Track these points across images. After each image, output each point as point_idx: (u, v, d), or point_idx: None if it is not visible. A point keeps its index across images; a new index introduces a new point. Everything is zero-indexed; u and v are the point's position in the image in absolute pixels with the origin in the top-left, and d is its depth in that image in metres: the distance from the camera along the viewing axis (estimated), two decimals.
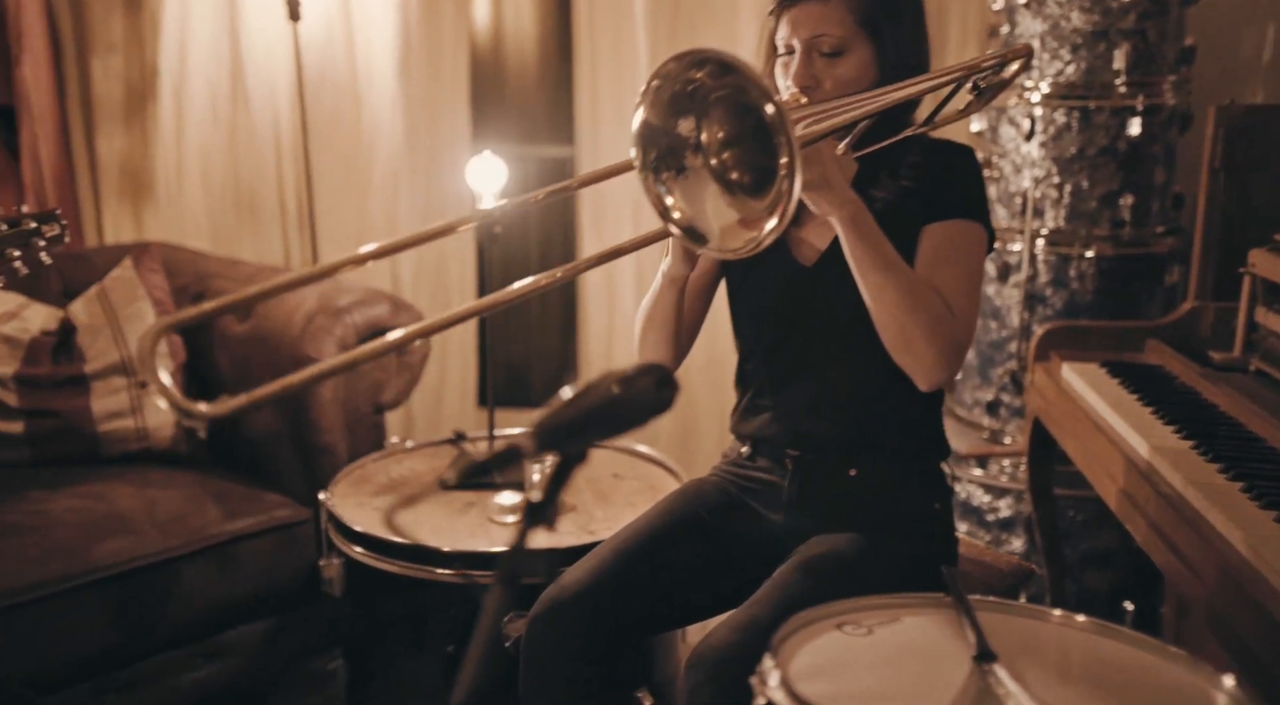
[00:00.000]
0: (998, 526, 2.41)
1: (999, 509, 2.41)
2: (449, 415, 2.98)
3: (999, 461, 2.43)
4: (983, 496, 2.44)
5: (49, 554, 1.89)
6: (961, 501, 2.46)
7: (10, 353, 2.25)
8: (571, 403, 0.85)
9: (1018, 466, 2.40)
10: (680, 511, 1.59)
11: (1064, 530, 2.31)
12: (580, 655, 1.46)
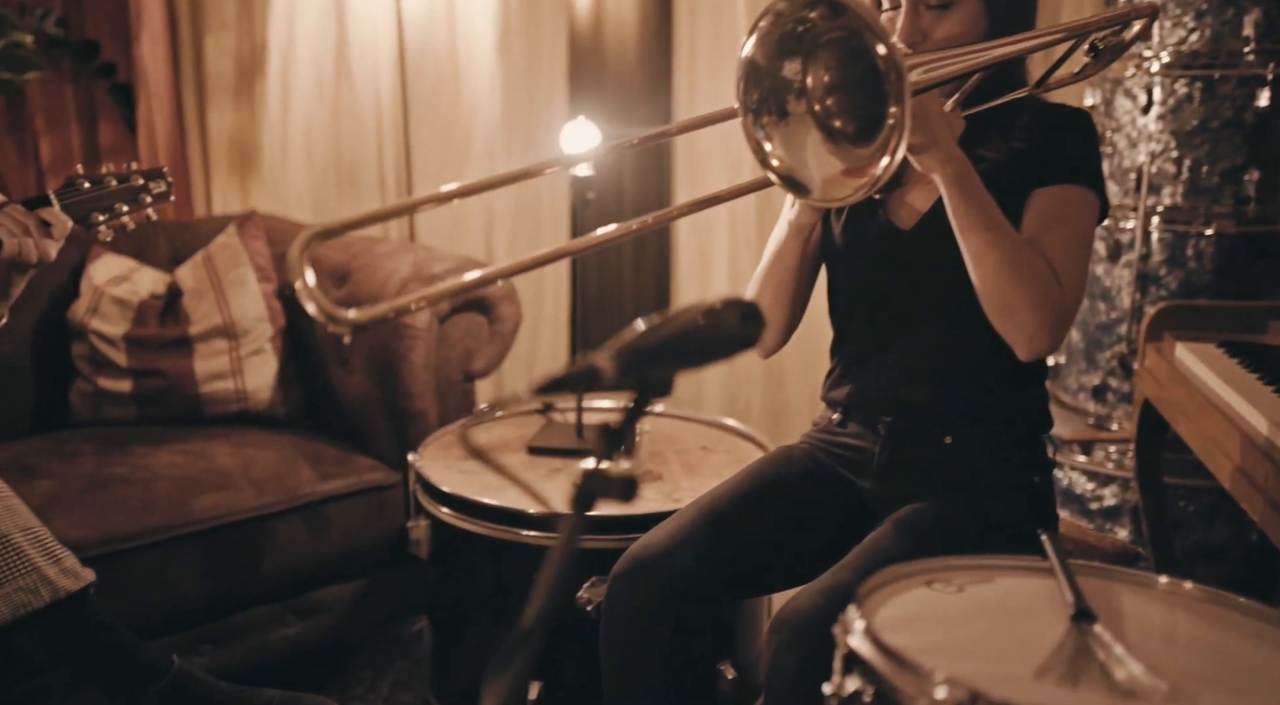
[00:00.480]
0: (1101, 515, 2.31)
1: (1103, 497, 2.31)
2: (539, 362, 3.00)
3: (1104, 448, 2.33)
4: (1086, 484, 2.34)
5: (151, 505, 1.95)
6: (1063, 489, 2.36)
7: (121, 314, 2.32)
8: (654, 329, 0.82)
9: (1124, 453, 2.30)
10: (766, 476, 1.56)
11: (1173, 521, 2.20)
12: (661, 615, 1.44)
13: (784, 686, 1.27)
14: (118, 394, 2.30)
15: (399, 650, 2.37)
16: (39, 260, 1.50)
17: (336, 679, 2.23)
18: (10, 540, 1.37)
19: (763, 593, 1.69)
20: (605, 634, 1.48)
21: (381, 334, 2.22)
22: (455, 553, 1.92)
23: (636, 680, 1.47)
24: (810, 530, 1.52)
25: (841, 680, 0.92)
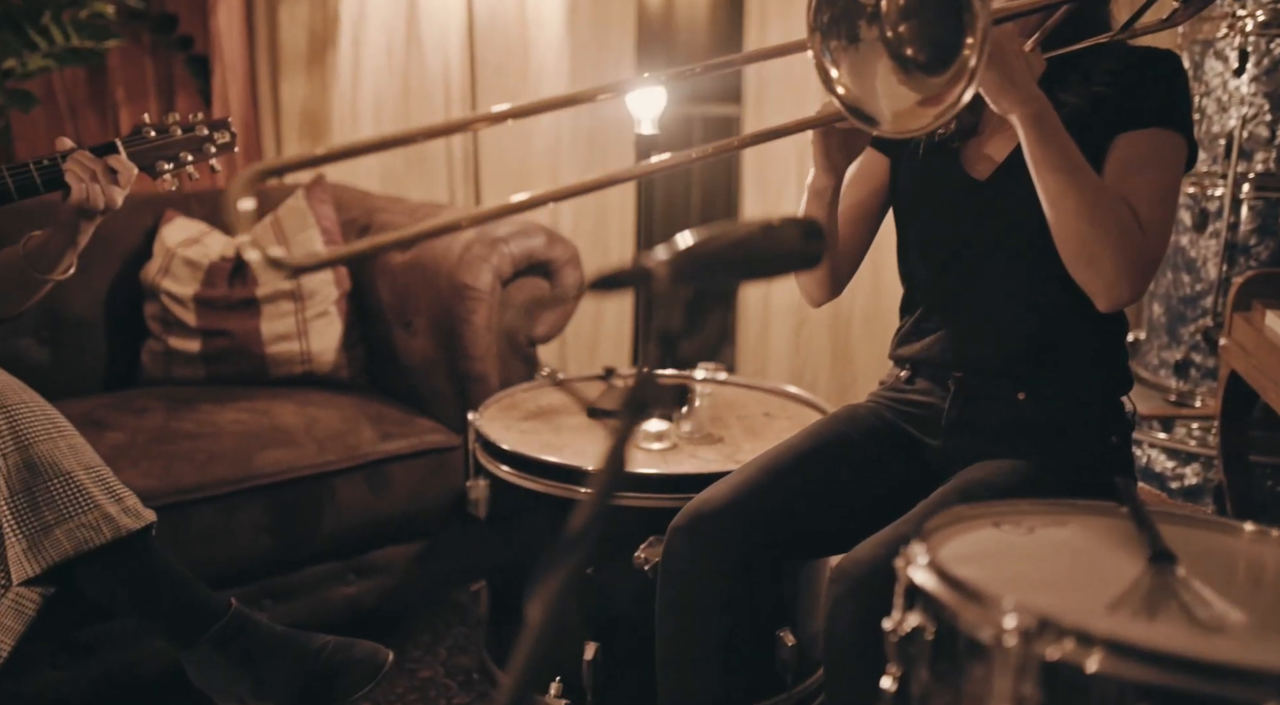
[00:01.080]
0: (1182, 494, 2.22)
1: (1184, 476, 2.22)
2: (602, 356, 2.97)
3: (1186, 424, 2.23)
4: (1166, 462, 2.24)
5: (215, 459, 1.96)
6: (1142, 467, 2.27)
7: (191, 275, 2.36)
8: (712, 237, 0.79)
9: (1208, 430, 2.20)
10: (830, 434, 1.52)
11: (1260, 501, 2.10)
12: (719, 569, 1.40)
13: (843, 638, 1.23)
14: (186, 354, 2.33)
15: (456, 615, 2.37)
16: (106, 207, 1.52)
17: (394, 640, 2.23)
18: (73, 478, 1.39)
19: (823, 553, 1.65)
20: (662, 589, 1.45)
21: (444, 296, 2.22)
22: (514, 512, 1.91)
23: (693, 638, 1.44)
24: (874, 489, 1.48)
25: (902, 617, 0.88)
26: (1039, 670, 0.74)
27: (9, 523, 1.33)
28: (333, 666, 1.46)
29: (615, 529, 1.75)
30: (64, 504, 1.36)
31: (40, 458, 1.36)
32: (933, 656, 0.85)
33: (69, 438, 1.43)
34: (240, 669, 1.44)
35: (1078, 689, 0.73)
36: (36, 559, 1.33)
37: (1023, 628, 0.74)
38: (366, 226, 2.50)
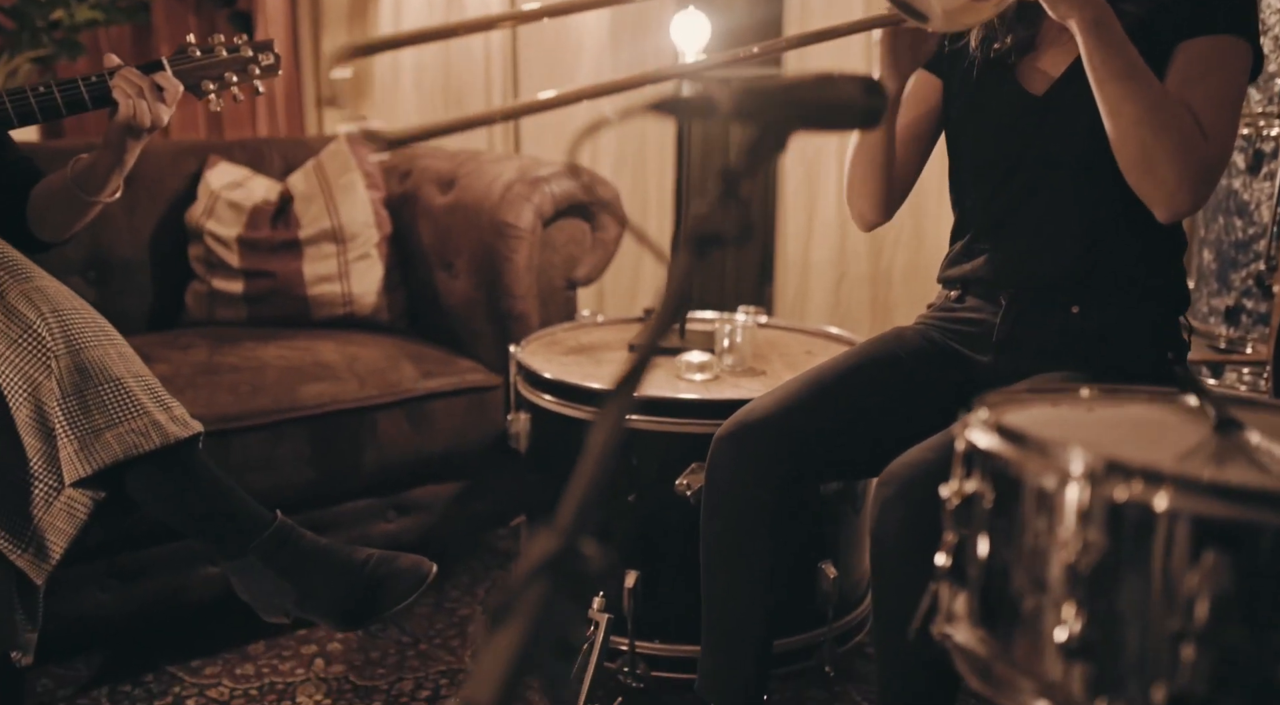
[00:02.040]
0: None
1: None
2: (642, 299, 2.97)
3: (1237, 370, 2.19)
4: None
5: (259, 390, 1.98)
6: None
7: (235, 217, 2.37)
8: (776, 79, 0.78)
9: (1259, 376, 2.16)
10: (877, 351, 1.50)
11: None
12: (763, 480, 1.39)
13: (889, 542, 1.22)
14: (230, 294, 2.35)
15: (495, 558, 2.37)
16: (152, 125, 1.52)
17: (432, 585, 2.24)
18: (123, 384, 1.40)
19: (868, 473, 1.63)
20: (707, 500, 1.44)
21: (486, 236, 2.21)
22: (555, 443, 1.90)
23: (736, 550, 1.43)
24: (920, 407, 1.45)
25: (960, 483, 0.87)
26: (1105, 513, 0.72)
27: (61, 424, 1.35)
28: (377, 578, 1.47)
29: (657, 456, 1.75)
30: (114, 409, 1.38)
31: (91, 363, 1.38)
32: (991, 520, 0.83)
33: (119, 346, 1.44)
34: (286, 580, 1.45)
35: (1144, 531, 0.71)
36: (87, 460, 1.34)
37: (1090, 470, 0.73)
38: (408, 172, 2.51)
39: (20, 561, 1.38)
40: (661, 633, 1.80)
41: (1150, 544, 0.71)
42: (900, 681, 1.26)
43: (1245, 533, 0.68)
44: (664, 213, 3.03)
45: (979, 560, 0.84)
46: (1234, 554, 0.68)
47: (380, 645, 2.02)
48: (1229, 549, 0.68)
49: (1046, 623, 0.77)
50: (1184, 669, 0.68)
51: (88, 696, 1.83)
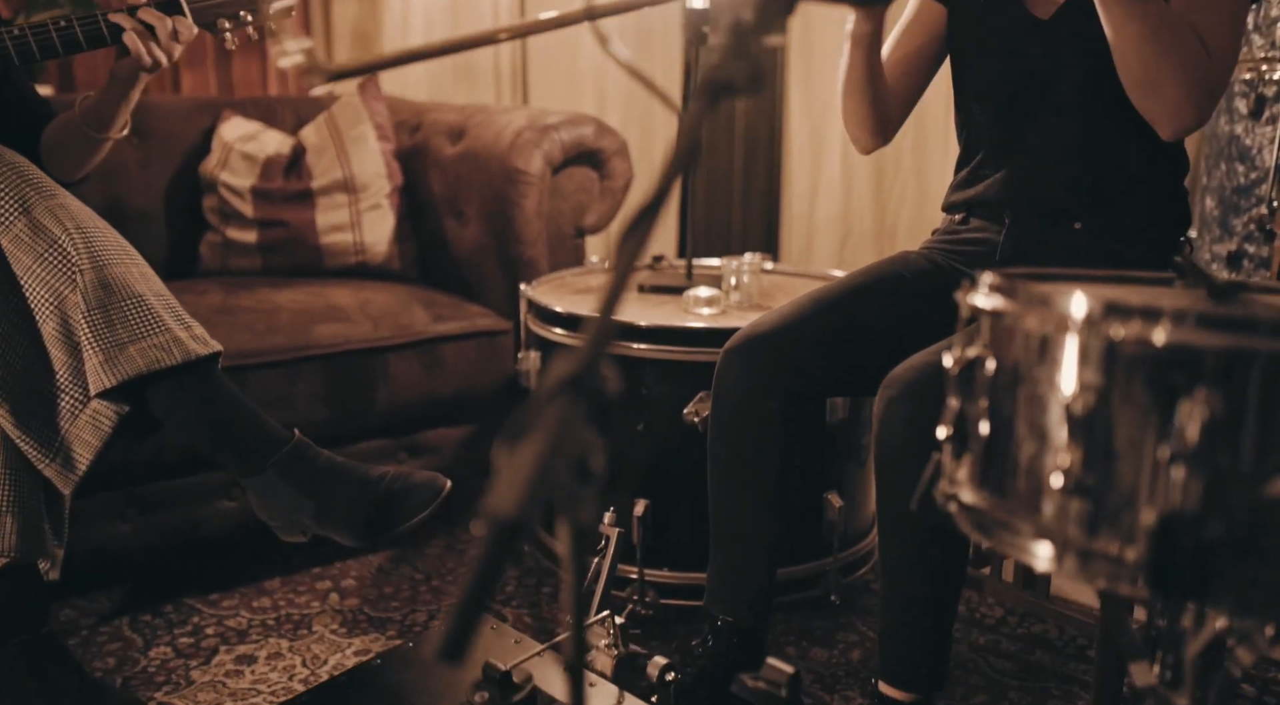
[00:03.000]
0: None
1: None
2: (652, 248, 3.00)
3: None
4: None
5: (274, 330, 2.01)
6: None
7: (248, 168, 2.40)
8: None
9: None
10: (882, 271, 1.53)
11: None
12: (769, 391, 1.42)
13: (893, 440, 1.25)
14: (244, 244, 2.38)
15: None
16: (154, 64, 1.54)
17: (444, 525, 2.28)
18: (145, 301, 1.43)
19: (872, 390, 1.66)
20: (714, 414, 1.47)
21: (495, 182, 2.24)
22: None
23: (743, 466, 1.46)
24: (923, 323, 1.48)
25: (962, 350, 0.90)
26: (1104, 353, 0.75)
27: (86, 336, 1.38)
28: (393, 493, 1.50)
29: (666, 385, 1.78)
30: (136, 324, 1.41)
31: (114, 279, 1.41)
32: (992, 381, 0.86)
33: (140, 266, 1.48)
34: (304, 496, 1.48)
35: (1141, 367, 0.74)
36: (112, 372, 1.38)
37: (1090, 313, 0.76)
38: (417, 126, 2.54)
39: (48, 471, 1.42)
40: (671, 561, 1.83)
41: (1147, 380, 0.74)
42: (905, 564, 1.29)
43: (1239, 360, 0.71)
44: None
45: (980, 423, 0.87)
46: (1226, 382, 0.70)
47: (394, 581, 2.05)
48: (1222, 378, 0.70)
49: (1045, 468, 0.80)
50: (1173, 492, 0.71)
51: (109, 626, 1.86)
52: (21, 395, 1.39)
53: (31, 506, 1.42)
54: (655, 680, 1.43)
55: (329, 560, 2.13)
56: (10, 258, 1.37)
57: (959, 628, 1.89)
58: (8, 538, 1.39)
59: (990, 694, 1.68)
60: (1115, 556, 0.76)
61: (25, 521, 1.41)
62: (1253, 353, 0.70)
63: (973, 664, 1.77)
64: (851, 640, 1.84)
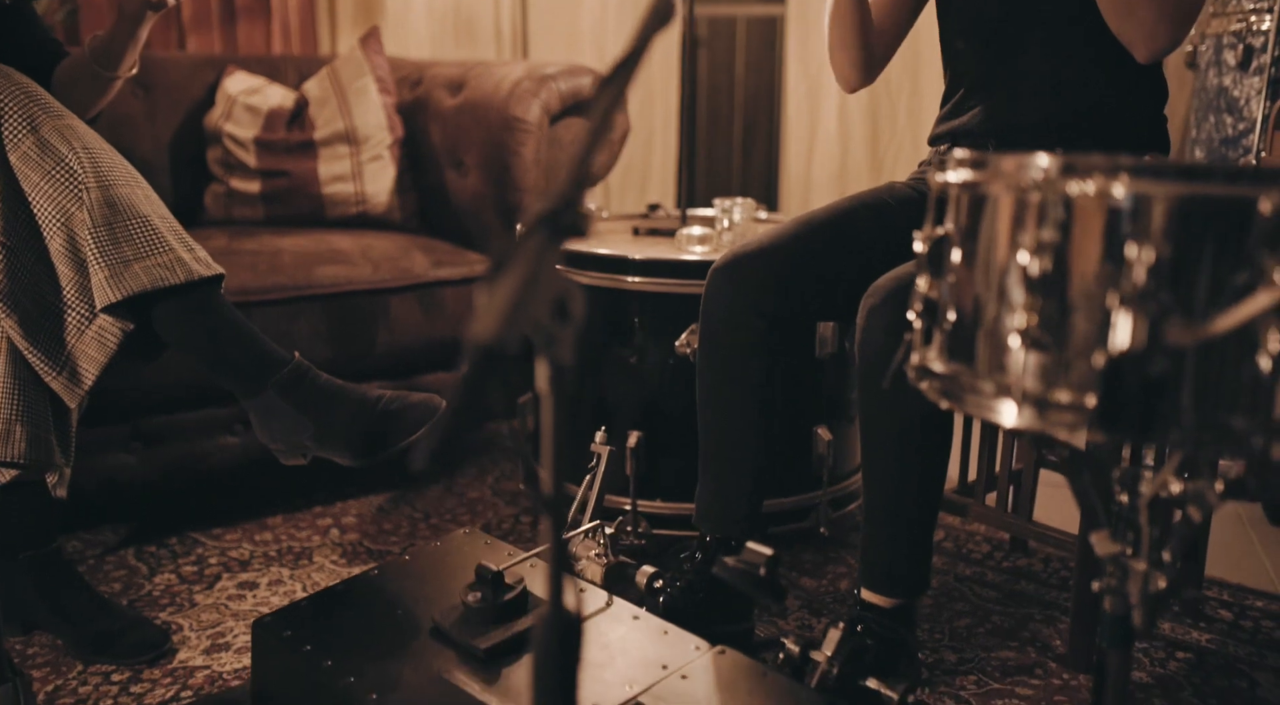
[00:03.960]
0: None
1: None
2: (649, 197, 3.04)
3: None
4: None
5: (276, 270, 2.05)
6: None
7: (252, 120, 2.44)
8: None
9: None
10: (867, 198, 1.57)
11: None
12: (756, 307, 1.46)
13: (874, 346, 1.29)
14: (247, 194, 2.42)
15: (502, 454, 2.45)
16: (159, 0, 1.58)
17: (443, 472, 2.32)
18: (150, 221, 1.47)
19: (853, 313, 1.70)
20: (703, 331, 1.51)
21: (495, 132, 2.28)
22: None
23: (731, 382, 1.50)
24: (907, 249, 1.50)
25: (930, 229, 0.93)
26: (1062, 209, 0.79)
27: (92, 252, 1.42)
28: (390, 413, 1.53)
29: (658, 317, 1.81)
30: (141, 243, 1.45)
31: (120, 199, 1.45)
32: (961, 253, 0.90)
33: (145, 189, 1.51)
34: (304, 415, 1.52)
35: (1095, 221, 0.77)
36: (117, 287, 1.42)
37: (1049, 172, 0.79)
38: (418, 81, 2.58)
39: (55, 384, 1.46)
40: (663, 492, 1.87)
41: (1101, 233, 0.77)
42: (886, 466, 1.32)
43: (1186, 206, 0.74)
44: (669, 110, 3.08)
45: (947, 297, 0.91)
46: (1174, 227, 0.74)
47: (393, 520, 2.10)
48: (1171, 223, 0.74)
49: (1005, 329, 0.84)
50: (1122, 335, 0.75)
51: (115, 556, 1.91)
52: (29, 308, 1.43)
53: (39, 417, 1.46)
54: (644, 588, 1.47)
55: (330, 499, 2.18)
56: (19, 175, 1.41)
57: (944, 562, 1.93)
58: (16, 445, 1.44)
59: (974, 618, 1.71)
60: (1071, 404, 0.79)
61: (33, 430, 1.45)
62: (1203, 198, 0.74)
63: (958, 592, 1.81)
64: (840, 571, 1.88)
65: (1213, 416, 0.75)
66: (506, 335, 0.68)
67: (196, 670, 1.54)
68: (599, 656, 1.25)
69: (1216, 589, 1.83)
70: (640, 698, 1.16)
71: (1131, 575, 0.93)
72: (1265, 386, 0.74)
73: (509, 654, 1.27)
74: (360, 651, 1.29)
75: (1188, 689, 1.52)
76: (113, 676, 1.52)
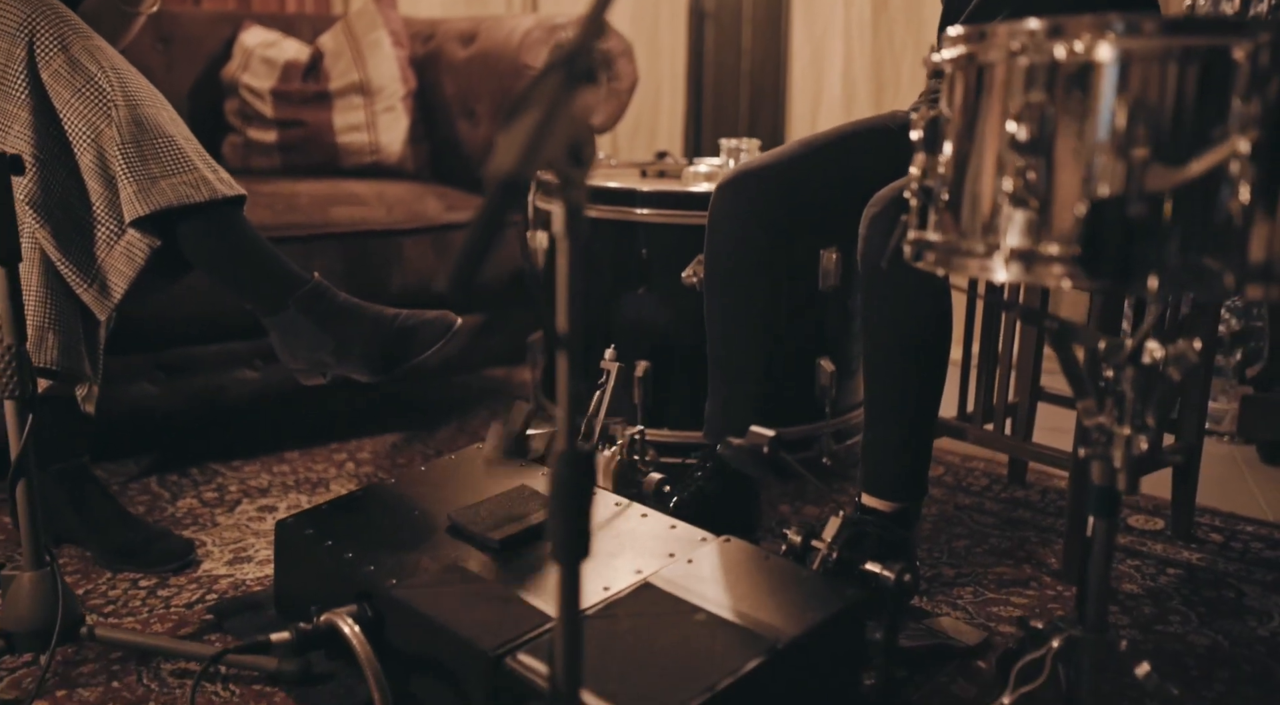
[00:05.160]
0: None
1: None
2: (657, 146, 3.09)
3: None
4: None
5: (294, 210, 2.11)
6: None
7: (268, 71, 2.50)
8: None
9: None
10: (871, 122, 1.62)
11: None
12: (761, 221, 1.51)
13: (875, 254, 1.33)
14: (264, 144, 2.48)
15: (514, 392, 2.51)
16: None
17: (455, 415, 2.37)
18: (175, 141, 1.52)
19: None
20: (709, 245, 1.56)
21: (506, 80, 2.33)
22: None
23: (736, 294, 1.55)
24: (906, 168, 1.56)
25: (926, 110, 0.98)
26: (1048, 73, 0.84)
27: (121, 168, 1.47)
28: (406, 329, 1.59)
29: (665, 248, 1.86)
30: (167, 161, 1.50)
31: (146, 118, 1.50)
32: (953, 132, 0.95)
33: (170, 111, 1.57)
34: (324, 332, 1.57)
35: (1085, 78, 0.82)
36: (144, 202, 1.47)
37: (1039, 33, 0.84)
38: (430, 35, 2.63)
39: (86, 296, 1.51)
40: (671, 420, 1.92)
41: (1088, 88, 0.82)
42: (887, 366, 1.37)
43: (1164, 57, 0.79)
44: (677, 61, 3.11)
45: (942, 172, 0.96)
46: (1151, 76, 0.79)
47: (406, 454, 2.15)
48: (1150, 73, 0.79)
49: (995, 192, 0.89)
50: (1102, 181, 0.80)
51: (138, 484, 1.97)
52: (62, 221, 1.48)
53: (70, 327, 1.52)
54: (652, 492, 1.53)
55: (345, 436, 2.23)
56: (50, 92, 1.46)
57: (943, 493, 1.98)
58: (49, 352, 1.49)
59: (972, 539, 1.77)
60: (1058, 255, 0.84)
61: (65, 339, 1.51)
62: (1180, 50, 0.79)
63: (956, 519, 1.86)
64: (842, 500, 1.93)
65: (1189, 258, 0.80)
66: (523, 170, 0.73)
67: (220, 578, 1.59)
68: (609, 547, 1.31)
69: (1209, 516, 1.88)
70: (649, 579, 1.21)
71: (1115, 439, 0.98)
72: (1238, 229, 0.79)
73: (523, 544, 1.32)
74: (379, 545, 1.34)
75: (1176, 598, 1.57)
76: (140, 582, 1.58)
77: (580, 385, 0.79)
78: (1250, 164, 0.78)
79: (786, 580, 1.19)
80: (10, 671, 1.32)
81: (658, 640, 1.10)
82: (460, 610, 1.18)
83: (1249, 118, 0.77)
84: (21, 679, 1.30)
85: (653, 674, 1.04)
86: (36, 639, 1.25)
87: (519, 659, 1.08)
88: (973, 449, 2.20)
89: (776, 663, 1.06)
